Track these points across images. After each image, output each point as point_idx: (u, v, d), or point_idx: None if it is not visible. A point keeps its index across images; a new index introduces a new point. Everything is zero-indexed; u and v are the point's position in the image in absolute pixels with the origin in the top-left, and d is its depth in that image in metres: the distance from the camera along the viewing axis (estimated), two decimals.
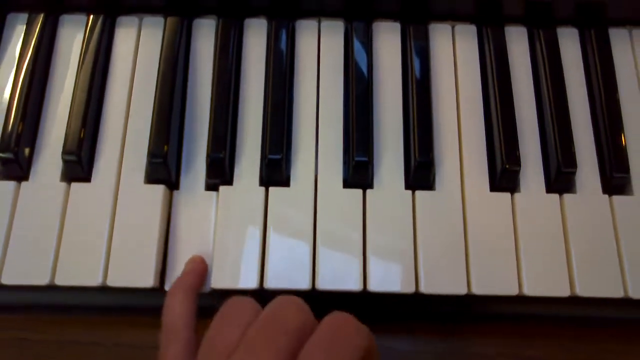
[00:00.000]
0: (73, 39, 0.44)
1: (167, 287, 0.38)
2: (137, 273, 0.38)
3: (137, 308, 0.40)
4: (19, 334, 0.41)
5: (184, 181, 0.40)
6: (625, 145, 0.41)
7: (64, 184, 0.40)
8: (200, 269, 0.38)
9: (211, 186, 0.40)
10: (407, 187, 0.40)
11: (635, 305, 0.39)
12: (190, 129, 0.42)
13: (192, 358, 0.32)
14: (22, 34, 0.44)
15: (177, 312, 0.35)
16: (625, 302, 0.39)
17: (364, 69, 0.42)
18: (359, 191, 0.40)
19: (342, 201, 0.39)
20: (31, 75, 0.42)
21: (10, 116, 0.41)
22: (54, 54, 0.44)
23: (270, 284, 0.37)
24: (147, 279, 0.38)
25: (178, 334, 0.34)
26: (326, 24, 0.45)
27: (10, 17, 0.45)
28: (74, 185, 0.40)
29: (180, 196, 0.40)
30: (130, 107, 0.42)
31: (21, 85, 0.42)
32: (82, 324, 0.41)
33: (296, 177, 0.40)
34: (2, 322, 0.41)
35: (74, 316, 0.41)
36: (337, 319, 0.29)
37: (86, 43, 0.43)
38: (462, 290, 0.38)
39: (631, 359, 0.40)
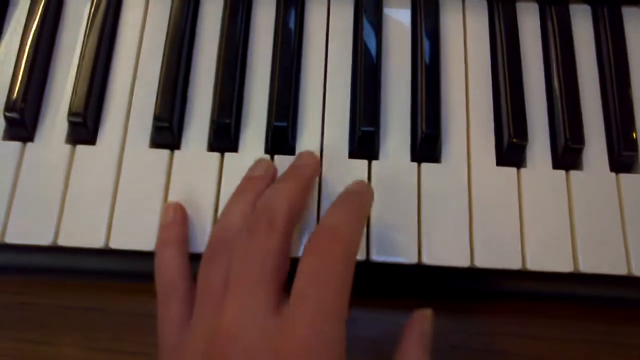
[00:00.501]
0: (82, 1, 0.44)
1: None
2: (140, 236, 0.38)
3: (140, 274, 0.40)
4: (19, 298, 0.41)
5: (186, 141, 0.40)
6: (634, 123, 0.41)
7: (69, 146, 0.40)
8: (180, 216, 0.37)
9: (214, 147, 0.40)
10: (413, 159, 0.40)
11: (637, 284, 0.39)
12: (195, 93, 0.42)
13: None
14: None
15: (171, 266, 0.35)
16: (630, 282, 0.39)
17: (373, 41, 0.42)
18: (364, 162, 0.40)
19: (347, 171, 0.39)
20: (38, 38, 0.42)
21: (18, 77, 0.40)
22: (62, 17, 0.44)
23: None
24: (149, 242, 0.38)
25: (177, 290, 0.34)
26: None
27: None
28: (79, 147, 0.40)
29: (182, 156, 0.40)
30: (137, 72, 0.42)
31: (29, 48, 0.41)
32: (82, 288, 0.41)
33: (301, 147, 0.40)
34: (3, 286, 0.41)
35: (74, 281, 0.41)
36: (320, 245, 0.30)
37: (95, 7, 0.43)
38: (464, 262, 0.37)
39: (638, 341, 0.40)
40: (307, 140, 0.40)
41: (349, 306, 0.30)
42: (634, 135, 0.40)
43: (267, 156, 0.40)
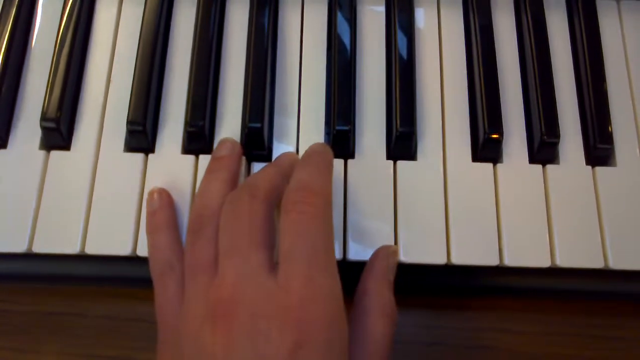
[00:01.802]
0: (55, 4, 0.44)
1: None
2: (116, 241, 0.38)
3: (116, 278, 0.40)
4: None
5: (161, 144, 0.40)
6: (610, 116, 0.41)
7: (43, 152, 0.40)
8: (167, 200, 0.37)
9: (188, 150, 0.40)
10: (388, 157, 0.40)
11: (618, 278, 0.39)
12: (169, 96, 0.41)
13: None
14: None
15: (166, 250, 0.35)
16: (608, 275, 0.39)
17: (347, 39, 0.42)
18: (340, 161, 0.39)
19: None
20: (10, 43, 0.41)
21: None
22: (33, 20, 0.43)
23: None
24: (126, 247, 0.37)
25: (174, 271, 0.34)
26: None
27: None
28: (54, 153, 0.40)
29: (156, 159, 0.40)
30: (111, 75, 0.42)
31: (1, 53, 0.41)
32: (61, 294, 0.41)
33: (277, 148, 0.40)
34: None
35: (52, 287, 0.41)
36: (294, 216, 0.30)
37: (67, 10, 0.43)
38: (441, 260, 0.37)
39: (620, 334, 0.40)
40: (282, 140, 0.40)
41: None
42: (609, 128, 0.40)
43: (243, 158, 0.40)
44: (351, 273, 0.38)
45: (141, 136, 0.39)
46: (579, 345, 0.40)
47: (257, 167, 0.40)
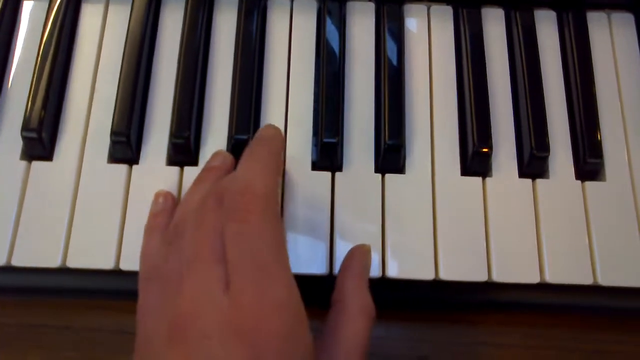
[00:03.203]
0: (38, 13, 0.43)
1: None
2: (98, 255, 0.37)
3: (101, 291, 0.39)
4: None
5: (145, 156, 0.39)
6: (600, 130, 0.40)
7: (24, 163, 0.39)
8: (171, 205, 0.37)
9: (173, 161, 0.39)
10: (377, 170, 0.39)
11: (608, 293, 0.38)
12: (154, 106, 0.41)
13: None
14: None
15: (156, 254, 0.34)
16: (597, 290, 0.38)
17: (336, 50, 0.41)
18: (328, 174, 0.39)
19: (311, 183, 0.39)
20: None
21: None
22: (17, 27, 0.43)
23: None
24: (109, 261, 0.37)
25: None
26: (299, 2, 0.44)
27: None
28: (35, 163, 0.39)
29: (140, 171, 0.39)
30: (96, 84, 0.41)
31: None
32: (46, 307, 0.40)
33: None
34: None
35: (37, 299, 0.40)
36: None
37: (53, 18, 0.42)
38: (429, 275, 0.37)
39: (609, 348, 0.40)
40: None
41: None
42: (599, 142, 0.40)
43: None
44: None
45: (125, 147, 0.39)
46: (569, 359, 0.40)
47: None
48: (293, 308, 0.28)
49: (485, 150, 0.39)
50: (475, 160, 0.39)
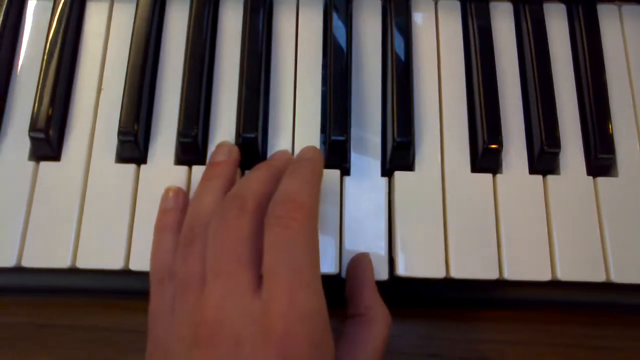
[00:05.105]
0: (43, 11, 0.43)
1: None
2: (108, 255, 0.37)
3: (109, 290, 0.39)
4: None
5: (153, 155, 0.39)
6: (611, 125, 0.40)
7: (32, 163, 0.39)
8: (182, 202, 0.37)
9: (181, 160, 0.39)
10: (385, 167, 0.39)
11: (620, 289, 0.38)
12: (161, 105, 0.40)
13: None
14: None
15: (167, 252, 0.34)
16: (609, 287, 0.38)
17: (343, 46, 0.41)
18: (337, 172, 0.39)
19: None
20: None
21: None
22: (22, 26, 0.42)
23: None
24: (118, 261, 0.37)
25: (172, 276, 0.33)
26: None
27: None
28: (43, 164, 0.39)
29: (148, 170, 0.39)
30: (102, 84, 0.41)
31: None
32: (56, 307, 0.40)
33: None
34: None
35: (46, 299, 0.40)
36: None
37: (58, 17, 0.42)
38: (440, 274, 0.37)
39: (620, 344, 0.40)
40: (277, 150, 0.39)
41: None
42: (611, 137, 0.39)
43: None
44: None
45: (132, 146, 0.38)
46: (579, 356, 0.40)
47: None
48: (322, 316, 0.29)
49: (495, 146, 0.38)
50: (486, 157, 0.39)
